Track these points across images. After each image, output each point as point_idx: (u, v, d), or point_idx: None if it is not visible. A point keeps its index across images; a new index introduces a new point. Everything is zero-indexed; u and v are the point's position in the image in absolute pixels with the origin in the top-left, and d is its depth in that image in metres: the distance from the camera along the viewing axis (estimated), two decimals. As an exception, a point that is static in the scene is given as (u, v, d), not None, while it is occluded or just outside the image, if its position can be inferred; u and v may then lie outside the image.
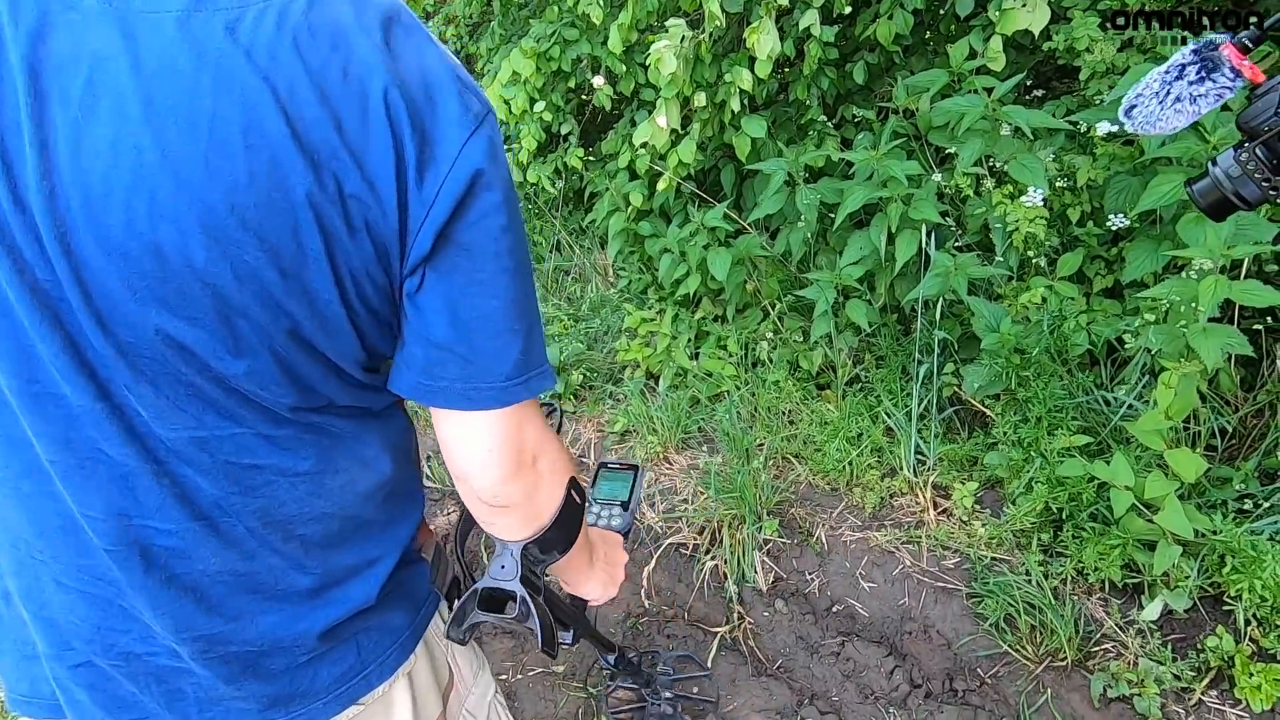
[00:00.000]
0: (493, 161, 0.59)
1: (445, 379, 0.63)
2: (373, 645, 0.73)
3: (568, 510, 0.72)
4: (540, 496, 0.70)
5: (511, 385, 0.63)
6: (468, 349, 0.62)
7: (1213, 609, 1.67)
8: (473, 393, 0.63)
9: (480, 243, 0.60)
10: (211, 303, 0.54)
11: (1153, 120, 0.80)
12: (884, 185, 2.18)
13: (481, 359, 0.62)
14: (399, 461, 0.73)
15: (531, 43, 2.93)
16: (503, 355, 0.63)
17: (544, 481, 0.69)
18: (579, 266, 3.68)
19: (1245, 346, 1.71)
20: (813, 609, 1.99)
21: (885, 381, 2.39)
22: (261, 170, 0.52)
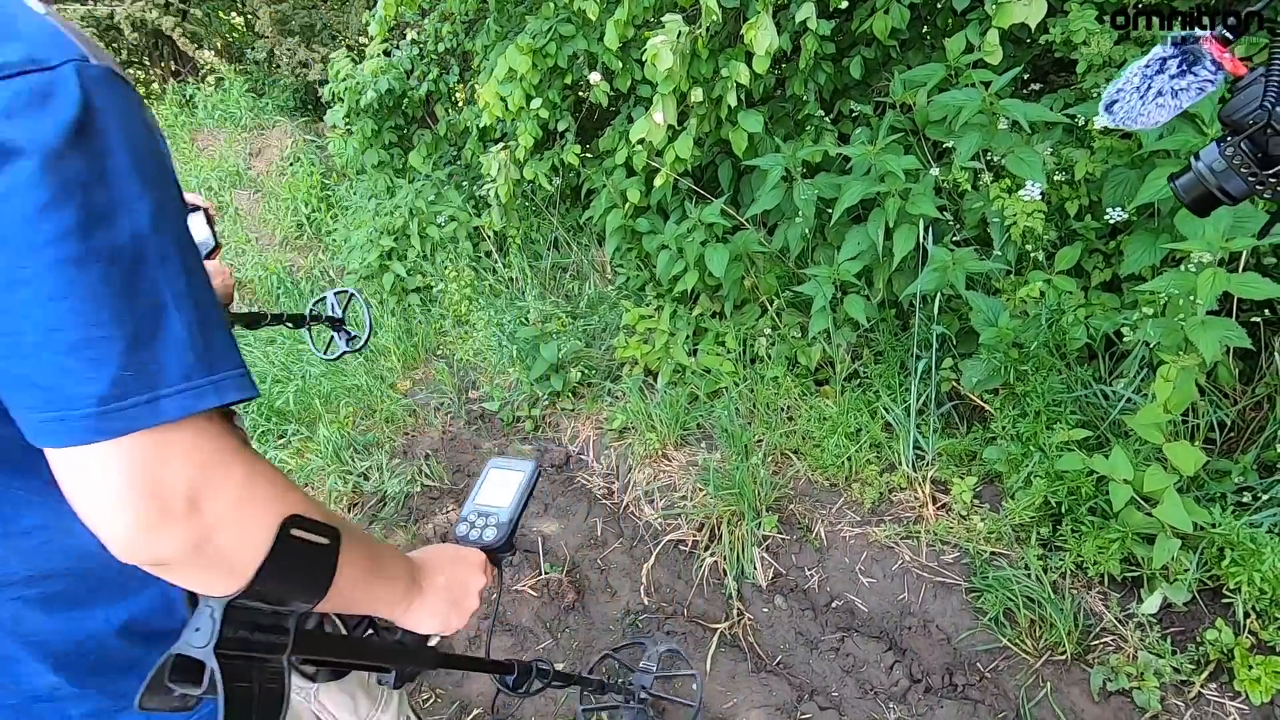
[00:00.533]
0: (24, 122, 0.46)
1: (20, 408, 0.50)
2: None
3: (289, 556, 0.57)
4: (218, 546, 0.53)
5: (111, 411, 0.48)
6: (34, 369, 0.48)
7: (1212, 602, 1.67)
8: (55, 425, 0.49)
9: (10, 230, 0.46)
10: None
11: (1133, 115, 0.79)
12: (881, 180, 2.18)
13: (54, 380, 0.48)
14: None
15: (528, 39, 2.92)
16: (85, 373, 0.48)
17: (219, 528, 0.53)
18: (576, 264, 3.67)
19: (1244, 339, 1.71)
20: (812, 605, 1.99)
21: (884, 377, 2.39)
22: None
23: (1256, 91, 0.69)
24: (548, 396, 3.08)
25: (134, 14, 5.80)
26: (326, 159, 5.16)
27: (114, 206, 0.49)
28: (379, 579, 0.69)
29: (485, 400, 3.27)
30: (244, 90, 6.19)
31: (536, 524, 2.58)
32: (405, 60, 3.99)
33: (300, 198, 4.92)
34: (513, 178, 3.35)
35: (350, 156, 4.17)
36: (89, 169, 0.48)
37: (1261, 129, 0.69)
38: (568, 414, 3.02)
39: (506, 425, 3.17)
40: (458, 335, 3.68)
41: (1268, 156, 0.70)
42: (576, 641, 2.04)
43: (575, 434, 2.95)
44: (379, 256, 3.89)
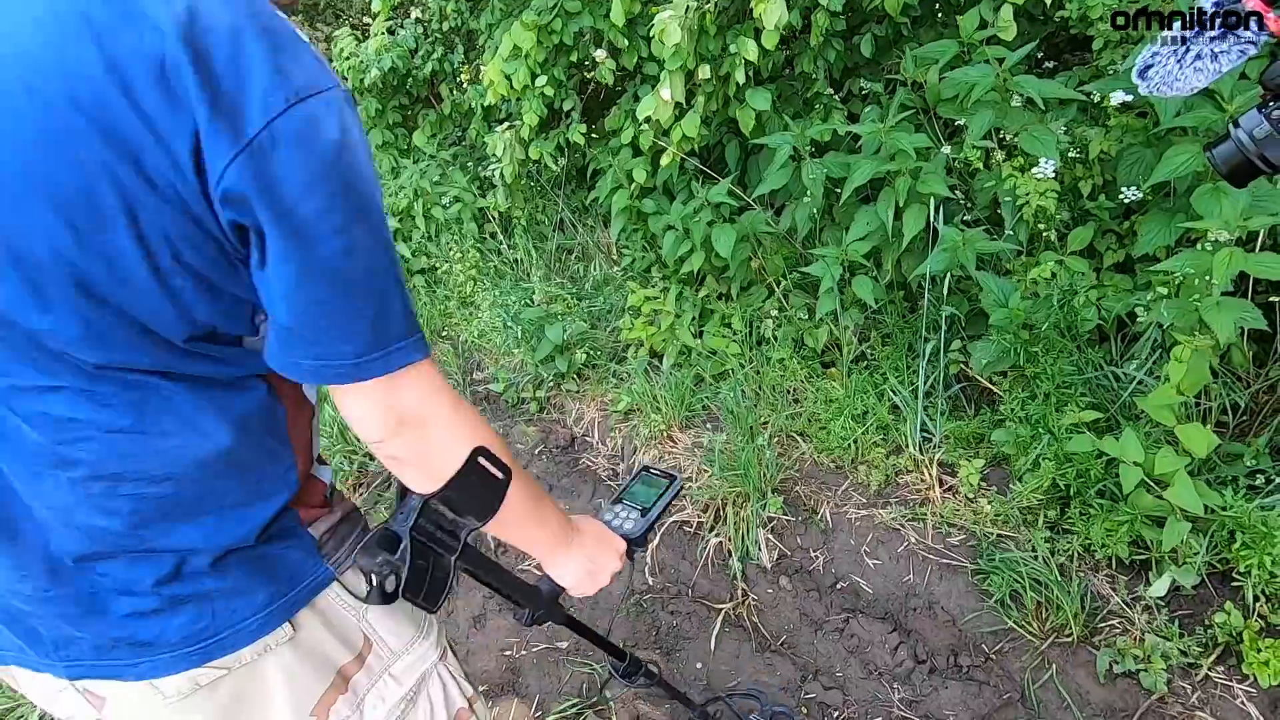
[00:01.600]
0: (310, 136, 0.59)
1: (296, 357, 0.65)
2: (229, 612, 0.74)
3: (472, 477, 0.74)
4: (433, 455, 0.73)
5: (365, 362, 0.65)
6: (309, 331, 0.63)
7: (1221, 585, 1.66)
8: (326, 370, 0.65)
9: (303, 222, 0.60)
10: (9, 255, 0.58)
11: (1170, 80, 0.75)
12: (892, 159, 2.14)
13: (324, 340, 0.64)
14: (248, 436, 0.72)
15: (532, 16, 2.87)
16: (347, 336, 0.64)
17: (435, 442, 0.72)
18: (582, 245, 3.65)
19: (1259, 320, 1.68)
20: (817, 586, 1.99)
21: (891, 359, 2.37)
22: (50, 132, 0.55)
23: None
24: (553, 378, 3.07)
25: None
26: (331, 139, 5.13)
27: (366, 203, 0.63)
28: (536, 523, 0.86)
29: (490, 382, 3.27)
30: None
31: (541, 504, 2.58)
32: (410, 39, 3.95)
33: (305, 178, 4.91)
34: (518, 158, 3.32)
35: (354, 136, 4.14)
36: (351, 173, 0.62)
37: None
38: (573, 395, 3.02)
39: (511, 407, 3.16)
40: (463, 317, 3.67)
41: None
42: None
43: (580, 416, 2.95)
44: (384, 238, 3.87)
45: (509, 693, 1.88)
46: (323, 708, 0.82)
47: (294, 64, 0.59)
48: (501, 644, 2.02)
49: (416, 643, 0.91)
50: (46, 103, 0.55)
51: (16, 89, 0.55)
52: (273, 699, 0.79)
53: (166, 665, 0.72)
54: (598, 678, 1.87)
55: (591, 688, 1.84)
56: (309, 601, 0.79)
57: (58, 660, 0.72)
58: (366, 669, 0.86)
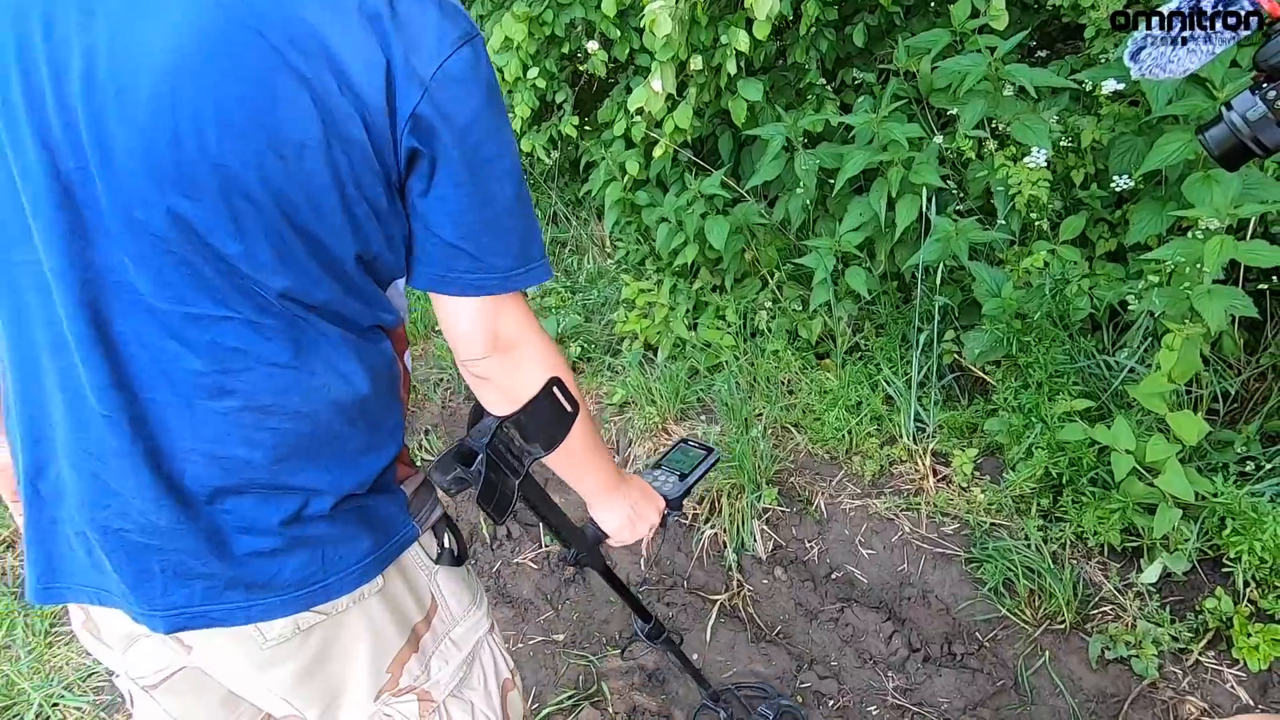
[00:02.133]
0: (473, 74, 0.67)
1: (459, 270, 0.73)
2: (338, 559, 0.76)
3: (545, 403, 0.80)
4: (516, 377, 0.79)
5: (514, 275, 0.74)
6: (474, 246, 0.72)
7: (1211, 571, 1.67)
8: (483, 281, 0.73)
9: (471, 149, 0.68)
10: (218, 184, 0.63)
11: (1163, 63, 0.75)
12: (884, 149, 2.14)
13: (486, 254, 0.72)
14: (377, 385, 0.77)
15: (524, 7, 2.86)
16: (503, 250, 0.73)
17: (520, 366, 0.78)
18: (576, 238, 3.64)
19: (1250, 308, 1.69)
20: (812, 576, 2.00)
21: (885, 350, 2.37)
22: (268, 70, 0.61)
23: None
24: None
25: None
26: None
27: (510, 137, 0.73)
28: (591, 464, 0.91)
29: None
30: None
31: (537, 498, 2.58)
32: (400, 31, 3.92)
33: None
34: (510, 150, 3.30)
35: (346, 130, 4.12)
36: (500, 107, 0.71)
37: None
38: (568, 389, 3.02)
39: None
40: (457, 311, 3.67)
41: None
42: (577, 614, 2.05)
43: (575, 409, 2.95)
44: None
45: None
46: (398, 664, 0.85)
47: (455, 10, 0.68)
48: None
49: (472, 610, 0.94)
50: (269, 44, 0.61)
51: (239, 30, 0.61)
52: (356, 651, 0.81)
53: (278, 608, 0.74)
54: (594, 670, 1.87)
55: (588, 679, 1.85)
56: (399, 556, 0.82)
57: (160, 611, 0.72)
58: (432, 631, 0.89)
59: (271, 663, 0.77)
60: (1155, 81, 1.18)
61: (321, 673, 0.80)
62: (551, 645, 1.97)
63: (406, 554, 0.83)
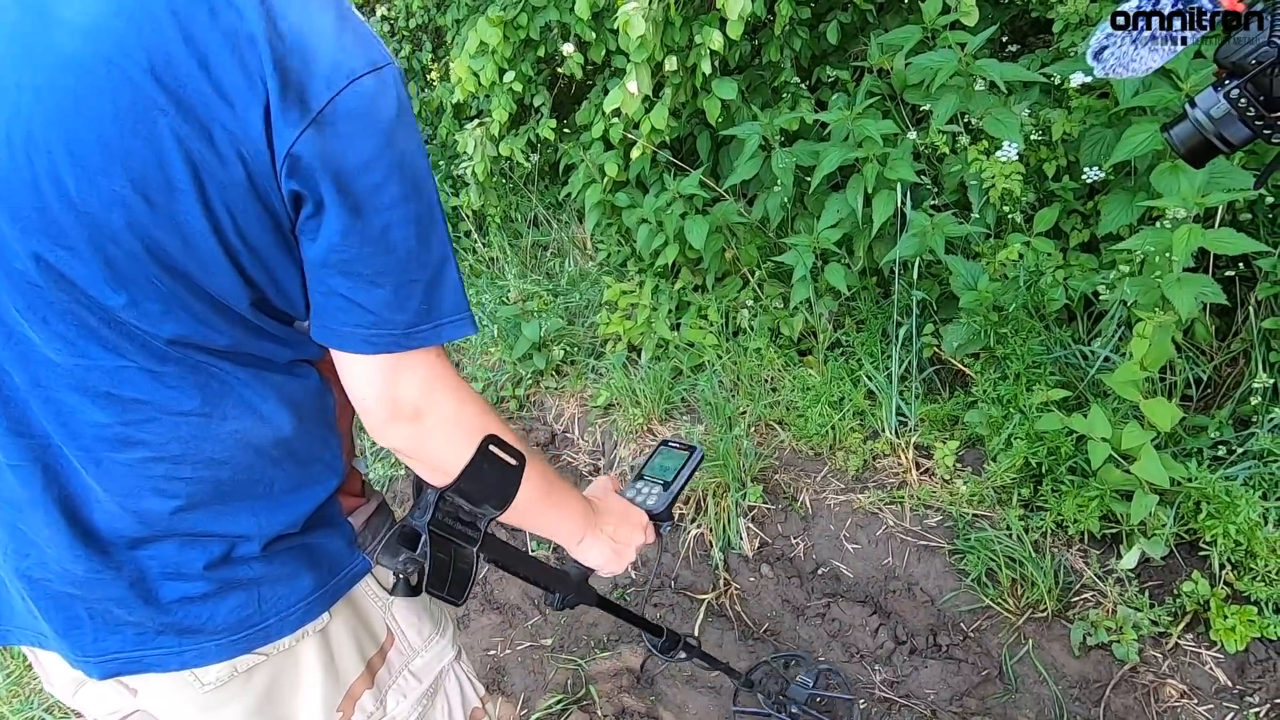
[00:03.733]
0: (371, 110, 0.61)
1: (352, 324, 0.66)
2: (276, 600, 0.73)
3: (484, 465, 0.73)
4: (433, 448, 0.72)
5: (416, 332, 0.67)
6: (367, 298, 0.65)
7: (1189, 555, 1.69)
8: (377, 338, 0.66)
9: (364, 193, 0.61)
10: (85, 231, 0.58)
11: (1125, 61, 0.75)
12: (859, 146, 2.16)
13: (380, 308, 0.65)
14: (304, 422, 0.73)
15: (498, 10, 2.85)
16: (402, 304, 0.66)
17: (433, 436, 0.71)
18: (557, 241, 3.64)
19: (1219, 295, 1.72)
20: (798, 572, 2.01)
21: (866, 345, 2.39)
22: (125, 105, 0.56)
23: (1258, 30, 0.66)
24: (531, 375, 3.07)
25: None
26: (300, 141, 5.06)
27: (420, 179, 0.65)
28: (554, 507, 0.85)
29: (469, 381, 3.25)
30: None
31: (523, 502, 2.58)
32: (375, 37, 3.90)
33: (274, 182, 4.84)
34: (489, 155, 3.30)
35: (323, 138, 4.09)
36: (406, 148, 0.63)
37: (1268, 69, 0.65)
38: (552, 392, 3.01)
39: (491, 405, 3.15)
40: (439, 317, 3.65)
41: (1273, 98, 0.66)
42: (564, 617, 2.05)
43: (560, 412, 2.94)
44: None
45: (494, 691, 1.88)
46: (350, 700, 0.82)
47: (355, 39, 0.61)
48: (486, 643, 2.02)
49: (435, 640, 0.91)
50: (126, 76, 0.56)
51: (96, 63, 0.56)
52: (304, 688, 0.79)
53: (213, 653, 0.72)
54: (582, 673, 1.87)
55: (576, 684, 1.85)
56: (348, 591, 0.80)
57: (92, 658, 0.70)
58: (389, 664, 0.86)
59: (215, 705, 0.75)
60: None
61: (271, 712, 0.78)
62: (539, 650, 1.96)
63: (357, 587, 0.81)
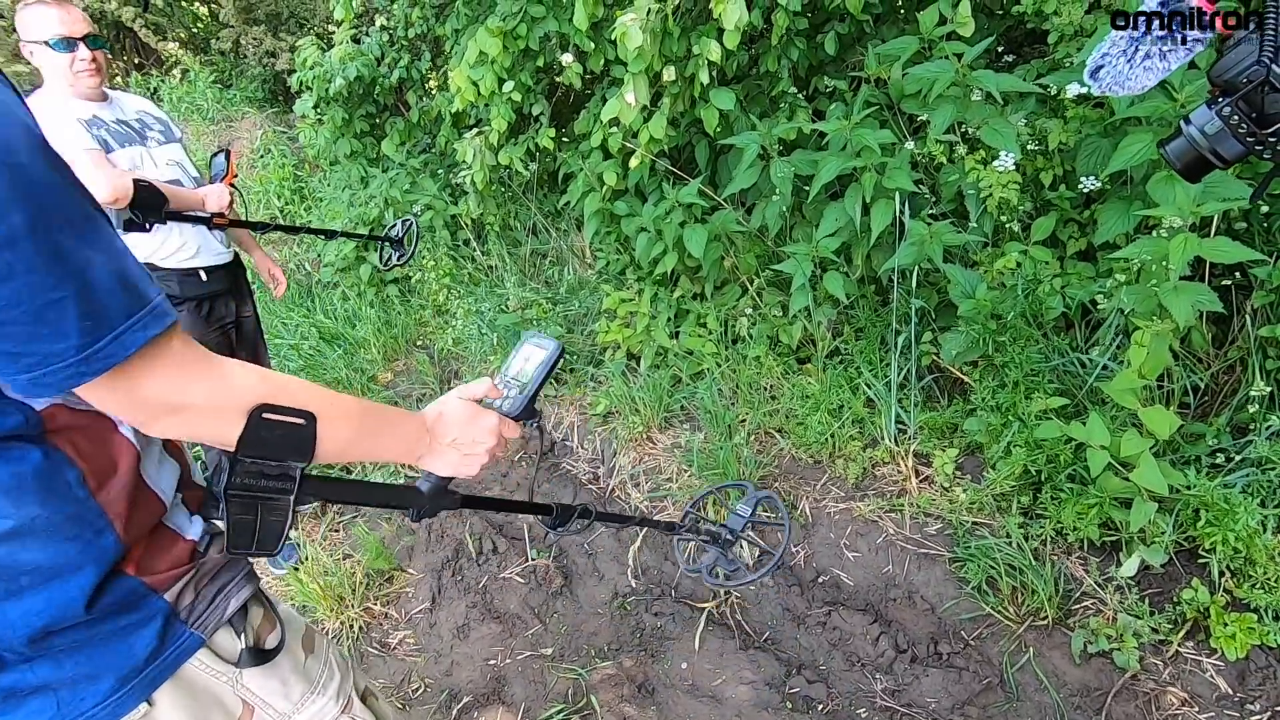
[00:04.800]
0: None
1: (8, 375, 0.57)
2: (75, 701, 0.69)
3: (263, 435, 0.69)
4: (205, 431, 0.68)
5: (94, 353, 0.57)
6: (4, 342, 0.55)
7: (1188, 562, 1.70)
8: (50, 379, 0.57)
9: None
10: None
11: (1121, 80, 0.77)
12: (858, 155, 2.17)
13: (27, 344, 0.55)
14: (22, 507, 0.64)
15: (497, 21, 2.87)
16: (55, 331, 0.55)
17: (198, 423, 0.66)
18: (556, 249, 3.64)
19: (1215, 303, 1.73)
20: (798, 580, 2.00)
21: (865, 353, 2.40)
22: None
23: (1249, 49, 0.67)
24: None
25: (93, 6, 5.65)
26: (298, 150, 5.08)
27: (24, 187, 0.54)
28: (375, 440, 0.81)
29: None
30: (210, 82, 6.05)
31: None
32: (375, 47, 3.92)
33: (273, 190, 4.85)
34: (488, 164, 3.31)
35: (321, 146, 4.10)
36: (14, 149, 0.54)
37: (1258, 87, 0.66)
38: (551, 400, 3.01)
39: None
40: (438, 325, 3.65)
41: (1265, 115, 0.67)
42: (564, 627, 2.04)
43: (559, 420, 2.94)
44: (355, 248, 3.84)
45: (495, 702, 1.87)
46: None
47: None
48: (486, 654, 2.01)
49: (311, 698, 0.86)
50: None
51: None
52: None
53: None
54: (583, 683, 1.86)
55: (577, 693, 1.84)
56: (171, 675, 0.74)
57: None
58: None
59: None
60: None
61: None
62: (540, 659, 1.96)
63: (188, 666, 0.75)
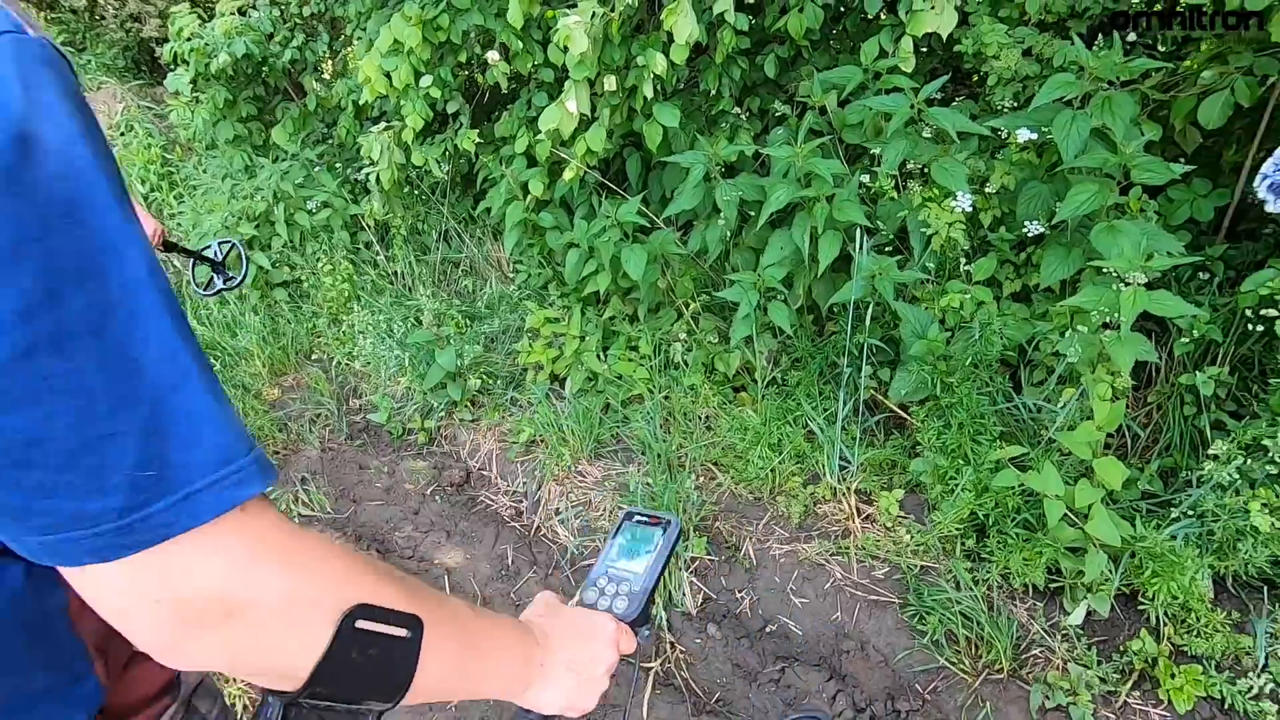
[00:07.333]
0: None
1: (13, 534, 0.39)
2: None
3: (352, 656, 0.46)
4: (264, 656, 0.44)
5: (136, 521, 0.38)
6: (13, 493, 0.37)
7: (1127, 608, 1.73)
8: (70, 547, 0.38)
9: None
10: None
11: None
12: (808, 185, 2.10)
13: (45, 502, 0.37)
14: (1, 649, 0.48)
15: (415, 9, 2.60)
16: (90, 485, 0.37)
17: (262, 634, 0.43)
18: (471, 259, 3.38)
19: (1151, 353, 1.78)
20: (746, 631, 1.90)
21: (803, 385, 2.34)
22: None
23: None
24: (444, 406, 2.81)
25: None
26: (168, 130, 4.48)
27: (86, 261, 0.36)
28: (481, 664, 0.57)
29: (370, 411, 2.94)
30: (60, 43, 5.26)
31: (438, 555, 2.32)
32: (265, 22, 3.50)
33: (136, 174, 4.24)
34: (397, 162, 3.01)
35: (198, 128, 3.62)
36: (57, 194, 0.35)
37: None
38: (467, 425, 2.77)
39: (396, 439, 2.86)
40: (334, 336, 3.29)
41: None
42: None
43: (476, 447, 2.71)
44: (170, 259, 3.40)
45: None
46: None
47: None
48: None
49: None
50: None
51: None
52: None
53: None
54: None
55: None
56: None
57: None
58: None
59: None
60: None
61: None
62: (465, 732, 1.74)
63: None
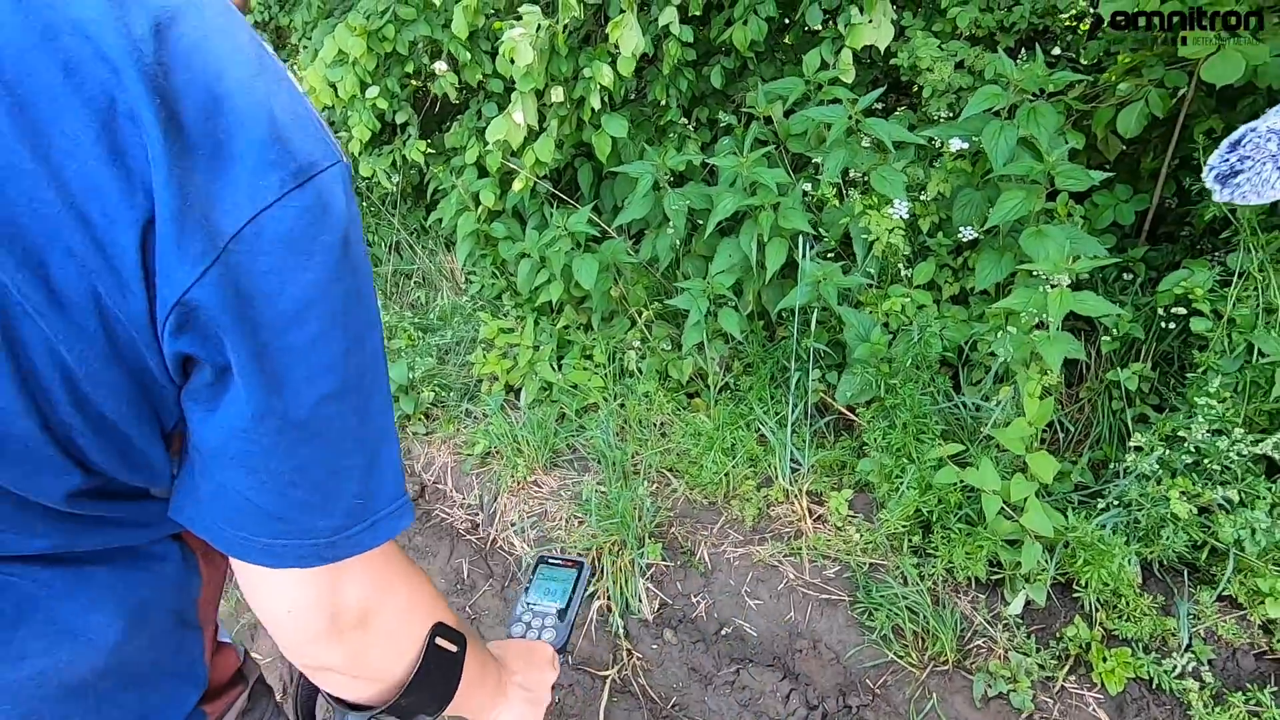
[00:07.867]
0: (312, 232, 0.42)
1: (247, 532, 0.47)
2: None
3: (432, 667, 0.58)
4: (374, 659, 0.55)
5: (343, 538, 0.49)
6: (277, 502, 0.46)
7: (1063, 596, 1.80)
8: (287, 551, 0.48)
9: (288, 358, 0.42)
10: None
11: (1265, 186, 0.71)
12: (753, 193, 2.15)
13: (294, 514, 0.47)
14: (145, 630, 0.53)
15: (360, 19, 2.58)
16: (326, 506, 0.48)
17: (379, 642, 0.54)
18: (424, 270, 3.36)
19: (1080, 351, 1.87)
20: (702, 635, 1.92)
21: (755, 389, 2.38)
22: None
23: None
24: (397, 420, 2.77)
25: None
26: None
27: (363, 327, 0.46)
28: (482, 682, 0.67)
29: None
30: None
31: (392, 570, 2.29)
32: (204, 31, 3.42)
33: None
34: (345, 174, 2.98)
35: (135, 141, 3.52)
36: (354, 284, 0.45)
37: None
38: (420, 438, 2.74)
39: None
40: (282, 352, 3.23)
41: None
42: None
43: (430, 461, 2.68)
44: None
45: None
46: None
47: (295, 126, 0.41)
48: None
49: None
50: None
51: None
52: None
53: None
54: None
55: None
56: None
57: None
58: None
59: None
60: (1247, 203, 1.13)
61: None
62: None
63: None
